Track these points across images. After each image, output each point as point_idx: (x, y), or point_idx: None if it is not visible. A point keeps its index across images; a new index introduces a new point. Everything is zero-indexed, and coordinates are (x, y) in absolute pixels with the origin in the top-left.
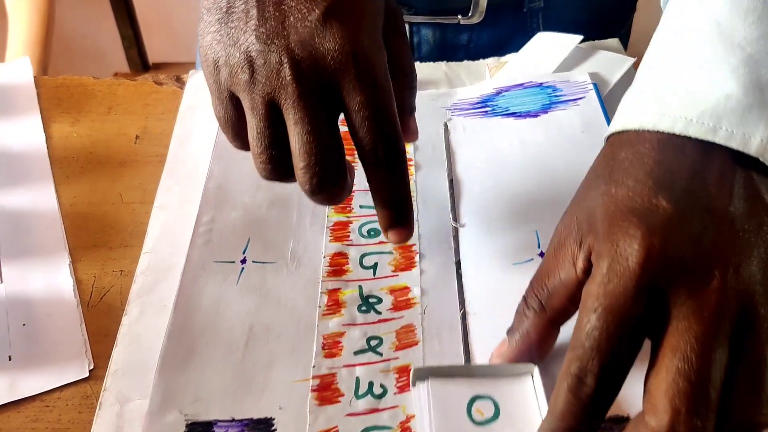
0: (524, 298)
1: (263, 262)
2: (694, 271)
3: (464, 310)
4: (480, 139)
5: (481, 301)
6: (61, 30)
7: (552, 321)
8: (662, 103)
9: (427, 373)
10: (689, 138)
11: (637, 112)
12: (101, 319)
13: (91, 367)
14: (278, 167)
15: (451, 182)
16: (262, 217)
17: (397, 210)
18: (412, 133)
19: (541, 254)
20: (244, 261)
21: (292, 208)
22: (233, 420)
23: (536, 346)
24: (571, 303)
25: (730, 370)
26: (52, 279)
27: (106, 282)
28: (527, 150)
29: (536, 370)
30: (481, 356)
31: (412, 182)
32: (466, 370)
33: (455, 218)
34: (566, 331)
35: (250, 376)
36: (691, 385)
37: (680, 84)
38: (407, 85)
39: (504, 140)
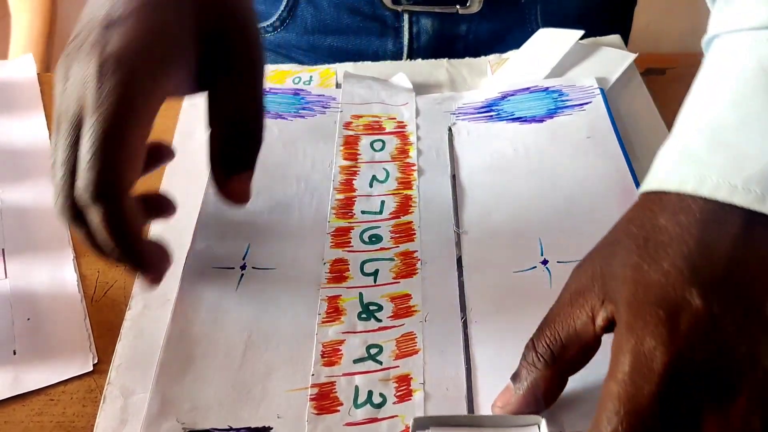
0: (533, 346)
1: (263, 268)
2: (721, 384)
3: (465, 318)
4: (484, 144)
5: (482, 309)
6: (65, 27)
7: (563, 372)
8: (703, 164)
9: (428, 423)
10: (733, 209)
11: (675, 173)
12: (105, 313)
13: (95, 361)
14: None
15: (454, 188)
16: (263, 222)
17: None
18: (237, 196)
19: (544, 262)
20: (243, 267)
21: (292, 213)
22: (230, 429)
23: (543, 397)
24: (583, 356)
25: None
26: (56, 274)
27: (110, 277)
28: (532, 156)
29: (543, 423)
30: (482, 366)
31: (414, 188)
32: (470, 420)
33: (458, 224)
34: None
35: (248, 385)
36: None
37: (723, 142)
38: (243, 132)
39: (509, 145)
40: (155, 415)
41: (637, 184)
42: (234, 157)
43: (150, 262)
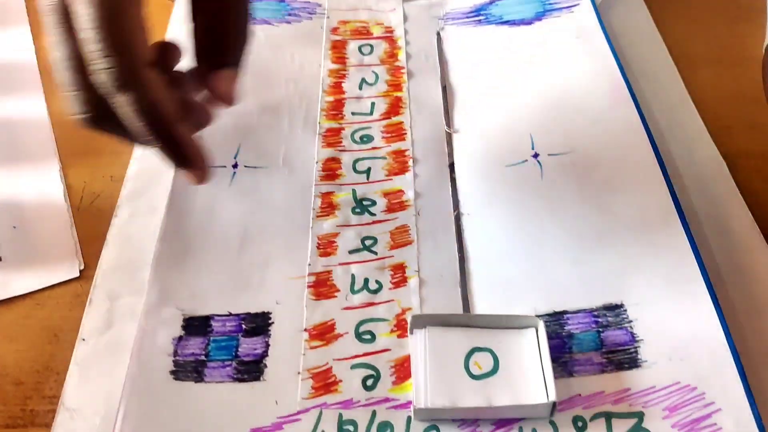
0: None
1: (255, 167)
2: None
3: (458, 212)
4: (473, 47)
5: (474, 202)
6: None
7: None
8: None
9: (425, 322)
10: None
11: None
12: (92, 222)
13: (82, 267)
14: None
15: (444, 89)
16: (253, 123)
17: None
18: (223, 95)
19: (535, 155)
20: (235, 166)
21: (283, 114)
22: (230, 314)
23: None
24: None
25: None
26: (42, 184)
27: (97, 187)
28: (521, 57)
29: (541, 324)
30: (475, 254)
31: (404, 90)
32: (467, 320)
33: (448, 124)
34: None
35: (246, 275)
36: None
37: None
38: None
39: (498, 48)
40: (154, 303)
41: (626, 80)
42: (217, 48)
43: (193, 151)
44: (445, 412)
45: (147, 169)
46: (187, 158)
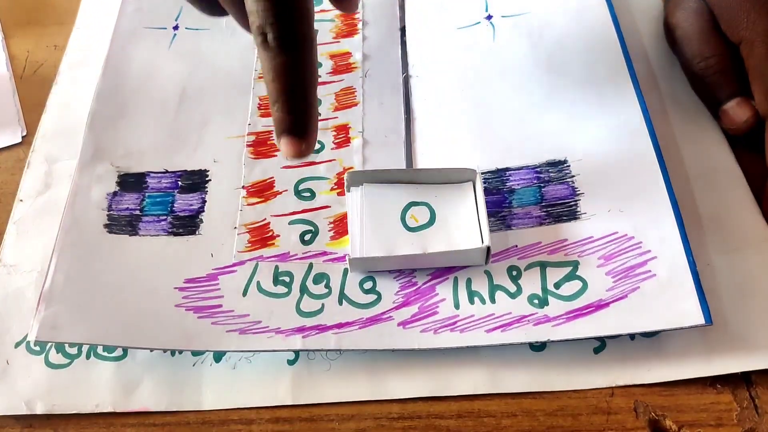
0: None
1: (196, 29)
2: None
3: (407, 74)
4: None
5: (424, 65)
6: None
7: None
8: None
9: (362, 178)
10: None
11: None
12: (35, 90)
13: (24, 134)
14: None
15: None
16: None
17: (293, 112)
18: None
19: (488, 17)
20: (176, 27)
21: None
22: (166, 171)
23: None
24: None
25: None
26: None
27: (40, 56)
28: None
29: (478, 176)
30: (421, 116)
31: None
32: (404, 175)
33: None
34: None
35: (184, 134)
36: None
37: None
38: None
39: None
40: (88, 160)
41: None
42: None
43: (315, 120)
44: (380, 261)
45: (88, 38)
46: (308, 126)
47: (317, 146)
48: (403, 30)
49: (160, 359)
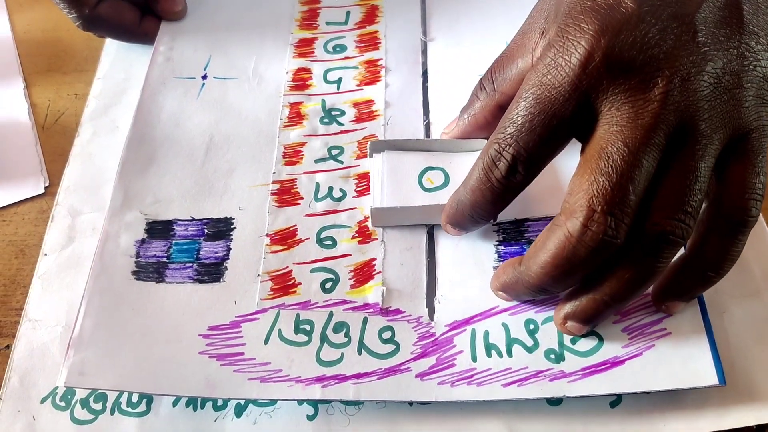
0: (480, 79)
1: (224, 78)
2: (637, 76)
3: (428, 121)
4: None
5: (445, 111)
6: None
7: (500, 105)
8: None
9: (383, 146)
10: None
11: None
12: (57, 139)
13: (47, 184)
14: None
15: None
16: (224, 34)
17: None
18: (176, 4)
19: None
20: (205, 77)
21: (253, 26)
22: (193, 219)
23: (481, 127)
24: None
25: (657, 181)
26: (6, 103)
27: (61, 105)
28: None
29: None
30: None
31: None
32: (422, 144)
33: (425, 32)
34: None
35: (210, 181)
36: (611, 185)
37: None
38: None
39: None
40: (118, 207)
41: None
42: None
43: None
44: (398, 213)
45: (110, 87)
46: None
47: (339, 194)
48: (425, 74)
49: (182, 414)
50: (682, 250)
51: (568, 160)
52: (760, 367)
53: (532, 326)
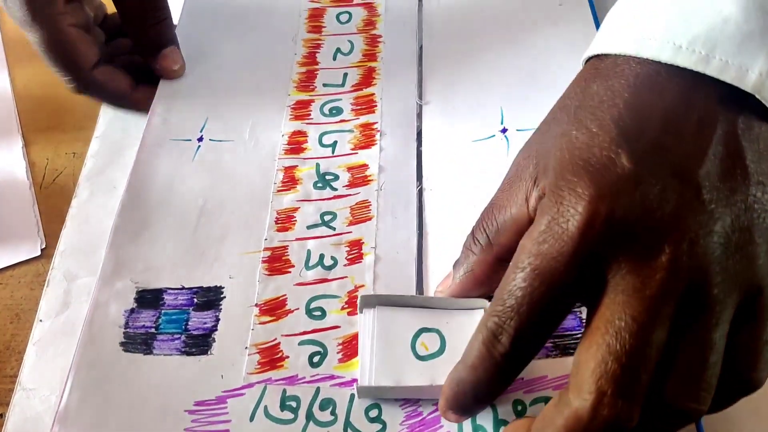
0: (472, 232)
1: (220, 140)
2: (641, 243)
3: (421, 186)
4: (454, 12)
5: (438, 177)
6: None
7: (498, 258)
8: (648, 25)
9: (375, 301)
10: (674, 72)
11: (619, 35)
12: (54, 200)
13: (44, 246)
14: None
15: (420, 58)
16: (222, 96)
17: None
18: (174, 63)
19: (503, 130)
20: (200, 139)
21: (251, 87)
22: (183, 288)
23: (481, 283)
24: (519, 241)
25: (670, 352)
26: (4, 161)
27: (59, 164)
28: (501, 23)
29: (489, 305)
30: (434, 231)
31: (379, 60)
32: (417, 301)
33: (420, 95)
34: None
35: (202, 248)
36: (621, 367)
37: (670, 3)
38: (160, 19)
39: (478, 12)
40: (109, 275)
41: None
42: (146, 36)
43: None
44: (389, 390)
45: (108, 146)
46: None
47: (330, 262)
48: (419, 138)
49: None
50: None
51: None
52: None
53: (519, 407)
